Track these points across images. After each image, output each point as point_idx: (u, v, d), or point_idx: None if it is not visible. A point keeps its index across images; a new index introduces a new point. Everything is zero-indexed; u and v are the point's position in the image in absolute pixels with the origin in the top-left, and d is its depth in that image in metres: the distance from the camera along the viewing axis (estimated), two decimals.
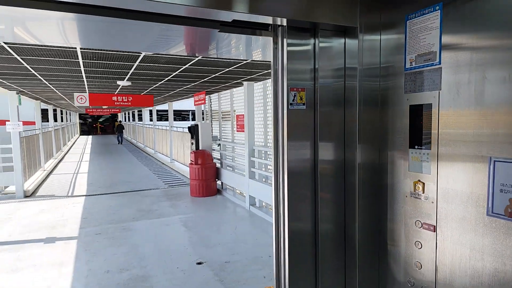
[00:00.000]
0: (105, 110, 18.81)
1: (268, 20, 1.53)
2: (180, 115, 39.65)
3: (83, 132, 42.02)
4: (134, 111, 25.33)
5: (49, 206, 6.99)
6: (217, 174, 8.01)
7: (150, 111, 20.51)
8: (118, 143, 25.00)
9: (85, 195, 7.91)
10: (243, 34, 1.73)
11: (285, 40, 1.64)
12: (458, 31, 1.32)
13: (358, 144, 1.66)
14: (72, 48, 3.76)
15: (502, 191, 1.22)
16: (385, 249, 1.69)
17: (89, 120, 45.12)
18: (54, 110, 16.17)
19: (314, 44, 1.70)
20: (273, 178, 1.79)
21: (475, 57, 1.25)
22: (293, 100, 1.67)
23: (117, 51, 3.98)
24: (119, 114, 34.02)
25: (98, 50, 3.85)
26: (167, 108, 13.79)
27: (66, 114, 24.74)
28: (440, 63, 1.39)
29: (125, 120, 33.60)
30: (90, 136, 37.40)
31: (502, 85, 1.18)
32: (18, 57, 4.13)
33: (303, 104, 1.69)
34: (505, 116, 1.18)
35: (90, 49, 3.83)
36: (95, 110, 18.33)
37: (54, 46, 3.66)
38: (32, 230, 5.42)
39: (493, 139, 1.22)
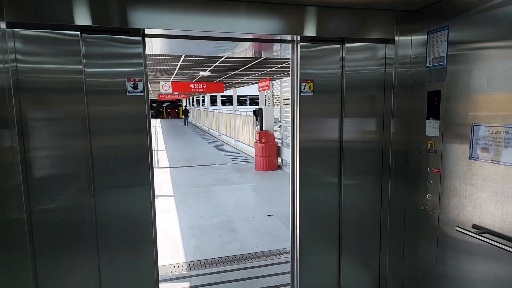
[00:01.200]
0: (175, 95, 20.84)
1: (288, 37, 2.33)
2: (237, 100, 41.29)
3: (151, 116, 45.84)
4: (198, 97, 27.41)
5: None
6: (278, 151, 9.07)
7: (212, 97, 22.16)
8: (184, 125, 27.45)
9: (169, 167, 9.51)
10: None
11: (298, 45, 2.38)
12: (458, 40, 2.10)
13: (393, 119, 2.51)
14: None
15: (477, 143, 2.02)
16: (408, 179, 2.54)
17: (154, 105, 49.00)
18: None
19: (342, 47, 2.51)
20: (290, 144, 2.53)
21: (466, 56, 2.04)
22: (304, 88, 2.42)
23: None
24: (183, 100, 36.72)
25: None
26: (227, 94, 15.05)
27: None
28: (446, 64, 2.19)
29: (188, 105, 36.22)
30: (159, 120, 40.91)
31: (479, 79, 1.97)
32: None
33: (311, 91, 2.51)
34: (480, 97, 1.98)
35: None
36: (166, 96, 20.43)
37: None
38: None
39: (473, 112, 2.02)
